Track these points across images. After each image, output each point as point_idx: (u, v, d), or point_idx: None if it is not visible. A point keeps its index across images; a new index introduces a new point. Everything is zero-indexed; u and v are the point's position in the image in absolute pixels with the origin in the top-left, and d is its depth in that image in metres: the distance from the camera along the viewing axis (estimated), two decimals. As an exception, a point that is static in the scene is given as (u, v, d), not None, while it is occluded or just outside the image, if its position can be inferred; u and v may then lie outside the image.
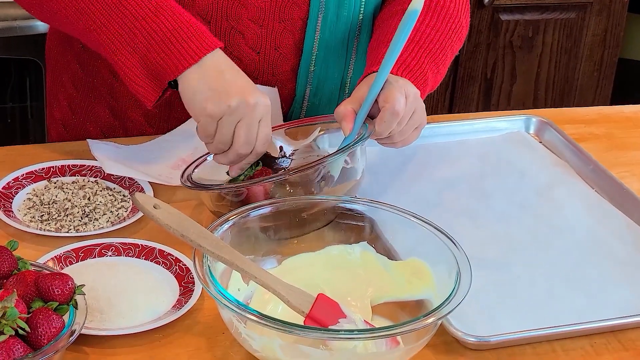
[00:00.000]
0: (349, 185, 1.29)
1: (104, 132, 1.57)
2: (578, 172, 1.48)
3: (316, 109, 1.55)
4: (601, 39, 3.08)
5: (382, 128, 1.28)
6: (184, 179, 1.29)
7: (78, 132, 1.59)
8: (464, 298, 1.04)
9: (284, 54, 1.48)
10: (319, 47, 1.48)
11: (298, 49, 1.48)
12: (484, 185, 1.43)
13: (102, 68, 1.52)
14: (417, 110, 1.32)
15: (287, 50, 1.47)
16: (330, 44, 1.49)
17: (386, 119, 1.27)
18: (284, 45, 1.47)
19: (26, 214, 1.30)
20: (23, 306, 0.99)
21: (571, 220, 1.36)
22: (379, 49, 1.38)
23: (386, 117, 1.27)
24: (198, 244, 1.07)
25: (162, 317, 1.13)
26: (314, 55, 1.49)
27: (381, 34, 1.42)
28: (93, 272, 1.18)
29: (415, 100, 1.31)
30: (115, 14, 1.29)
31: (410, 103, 1.29)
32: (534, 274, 1.25)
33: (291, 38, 1.47)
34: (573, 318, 1.17)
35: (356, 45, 1.51)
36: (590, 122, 1.65)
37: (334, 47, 1.50)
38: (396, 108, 1.27)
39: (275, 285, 1.07)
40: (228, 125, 1.25)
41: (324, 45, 1.48)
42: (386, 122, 1.28)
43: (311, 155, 1.39)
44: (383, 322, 1.14)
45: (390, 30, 1.40)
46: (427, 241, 1.15)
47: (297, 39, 1.47)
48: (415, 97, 1.31)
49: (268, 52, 1.47)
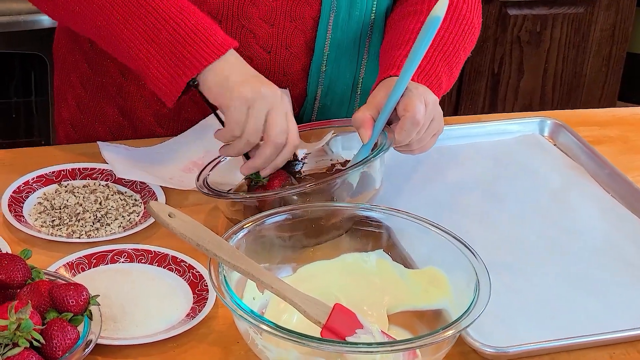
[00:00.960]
0: (368, 195, 1.28)
1: (112, 132, 1.55)
2: (593, 175, 1.47)
3: (328, 109, 1.54)
4: (609, 33, 3.06)
5: (402, 137, 1.27)
6: (200, 184, 1.28)
7: (87, 132, 1.57)
8: (483, 310, 1.02)
9: (295, 53, 1.46)
10: (331, 47, 1.47)
11: (309, 48, 1.47)
12: (498, 189, 1.42)
13: (111, 67, 1.51)
14: (436, 117, 1.30)
15: (298, 49, 1.46)
16: (342, 43, 1.47)
17: (406, 127, 1.26)
18: (295, 45, 1.45)
19: (37, 218, 1.28)
20: (38, 317, 0.97)
21: (586, 225, 1.35)
22: (392, 52, 1.37)
23: (406, 125, 1.26)
24: (214, 253, 1.06)
25: (177, 326, 1.12)
26: (325, 54, 1.47)
27: (394, 36, 1.41)
28: (106, 279, 1.17)
29: (434, 107, 1.30)
30: (137, 10, 1.28)
31: (430, 110, 1.28)
32: (550, 280, 1.24)
33: (302, 37, 1.45)
34: (591, 326, 1.15)
35: (368, 45, 1.50)
36: (604, 124, 1.63)
37: (345, 47, 1.48)
38: (417, 117, 1.26)
39: (291, 296, 1.06)
40: (260, 111, 1.24)
41: (335, 44, 1.47)
42: (406, 131, 1.26)
43: (324, 159, 1.37)
44: (400, 332, 1.12)
45: (404, 31, 1.39)
46: (444, 249, 1.13)
47: (309, 38, 1.46)
48: (434, 104, 1.30)
49: (279, 51, 1.45)
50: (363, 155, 1.27)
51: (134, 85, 1.50)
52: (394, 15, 1.47)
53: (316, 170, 1.35)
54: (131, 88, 1.50)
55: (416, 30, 1.37)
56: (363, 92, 1.54)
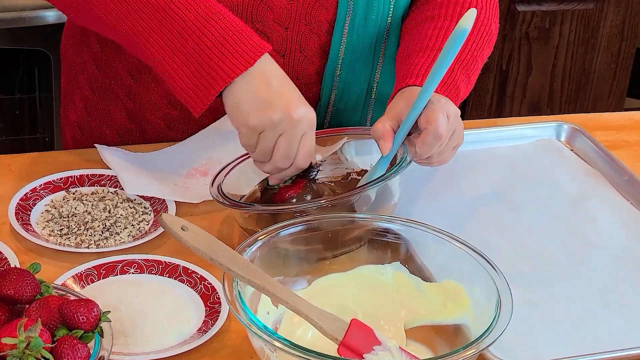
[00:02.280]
0: (386, 209, 1.25)
1: (120, 135, 1.52)
2: (611, 182, 1.44)
3: (342, 113, 1.51)
4: (619, 30, 3.03)
5: (424, 150, 1.24)
6: (215, 192, 1.24)
7: (94, 134, 1.54)
8: (505, 328, 1.00)
9: (309, 56, 1.43)
10: (346, 51, 1.44)
11: (324, 52, 1.44)
12: (515, 197, 1.39)
13: (120, 69, 1.48)
14: (457, 130, 1.27)
15: (312, 53, 1.43)
16: (357, 47, 1.44)
17: (428, 141, 1.23)
18: (309, 48, 1.42)
19: (45, 227, 1.25)
20: (47, 335, 0.95)
21: (606, 235, 1.32)
22: (410, 59, 1.34)
23: (428, 139, 1.23)
24: (228, 267, 1.03)
25: (189, 340, 1.09)
26: (340, 58, 1.44)
27: (412, 42, 1.37)
28: (116, 291, 1.14)
29: (456, 120, 1.27)
30: (162, 18, 1.24)
31: (451, 123, 1.25)
32: (570, 293, 1.21)
33: (317, 41, 1.42)
34: (611, 341, 1.13)
35: (384, 49, 1.47)
36: (621, 128, 1.60)
37: (361, 51, 1.45)
38: (439, 131, 1.23)
39: (307, 311, 1.03)
40: (269, 138, 1.21)
41: (350, 49, 1.44)
42: (428, 144, 1.23)
43: (339, 167, 1.34)
44: (417, 348, 1.10)
45: (422, 37, 1.36)
46: (463, 262, 1.11)
47: (323, 42, 1.43)
48: (456, 116, 1.27)
49: (293, 54, 1.42)
50: (382, 166, 1.24)
51: (143, 88, 1.47)
52: (410, 20, 1.44)
53: (332, 178, 1.32)
54: (140, 91, 1.47)
55: (434, 37, 1.34)
56: (378, 97, 1.51)
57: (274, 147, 1.21)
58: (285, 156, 1.22)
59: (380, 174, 1.24)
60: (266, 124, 1.20)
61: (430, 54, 1.33)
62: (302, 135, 1.21)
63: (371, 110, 1.52)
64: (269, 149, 1.21)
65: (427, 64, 1.31)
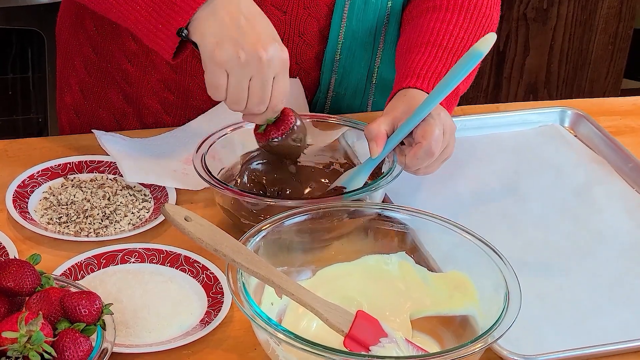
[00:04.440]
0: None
1: (117, 119, 1.50)
2: (616, 169, 1.42)
3: (342, 98, 1.49)
4: (616, 11, 3.01)
5: (414, 164, 1.22)
6: (198, 163, 1.22)
7: (90, 118, 1.52)
8: (514, 321, 0.98)
9: (308, 41, 1.41)
10: (345, 35, 1.42)
11: (323, 36, 1.42)
12: (520, 185, 1.37)
13: (116, 52, 1.45)
14: (449, 145, 1.25)
15: (311, 37, 1.41)
16: (357, 32, 1.42)
17: (420, 156, 1.21)
18: (308, 32, 1.40)
19: (43, 215, 1.23)
20: (49, 329, 0.93)
21: (612, 225, 1.30)
22: (410, 55, 1.31)
23: (420, 154, 1.21)
24: (232, 258, 1.01)
25: (191, 331, 1.07)
26: (339, 43, 1.42)
27: (412, 34, 1.35)
28: (116, 281, 1.13)
29: (451, 136, 1.24)
30: None
31: (446, 139, 1.23)
32: (576, 284, 1.19)
33: (316, 25, 1.40)
34: (620, 333, 1.12)
35: (384, 35, 1.45)
36: (625, 113, 1.58)
37: (361, 36, 1.43)
38: (432, 148, 1.21)
39: (312, 303, 1.01)
40: (238, 79, 1.16)
41: (350, 33, 1.42)
42: (419, 159, 1.22)
43: (324, 154, 1.33)
44: (424, 339, 1.08)
45: (423, 30, 1.33)
46: (469, 253, 1.09)
47: (322, 26, 1.41)
48: (452, 132, 1.24)
49: (292, 39, 1.40)
50: (367, 168, 1.23)
51: (140, 72, 1.45)
52: (411, 9, 1.41)
53: (314, 164, 1.31)
54: (137, 74, 1.45)
55: (435, 31, 1.32)
56: (379, 82, 1.49)
57: (248, 94, 1.17)
58: (260, 101, 1.18)
59: (364, 175, 1.23)
60: (232, 60, 1.15)
61: (432, 50, 1.30)
62: (275, 77, 1.17)
63: (372, 95, 1.50)
64: (242, 93, 1.17)
65: (428, 63, 1.29)
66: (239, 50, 1.14)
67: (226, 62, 1.15)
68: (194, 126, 1.42)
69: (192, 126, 1.42)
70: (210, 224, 1.04)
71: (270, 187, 1.23)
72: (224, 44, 1.15)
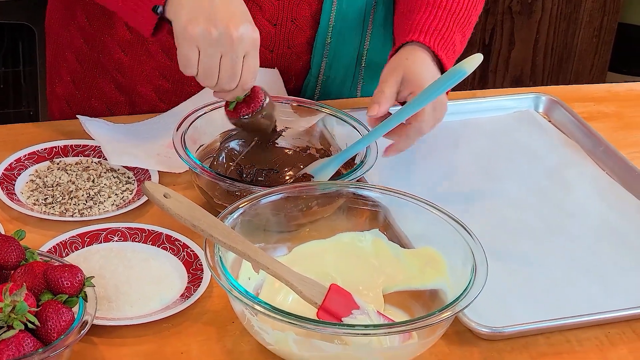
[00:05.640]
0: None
1: (109, 108, 1.53)
2: (588, 152, 1.46)
3: (332, 82, 1.53)
4: (601, 4, 3.05)
5: (404, 144, 1.28)
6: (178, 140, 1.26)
7: (82, 108, 1.55)
8: (480, 292, 1.02)
9: (300, 25, 1.45)
10: (336, 19, 1.46)
11: (314, 20, 1.46)
12: (494, 168, 1.41)
13: (109, 43, 1.49)
14: (438, 119, 1.30)
15: (303, 21, 1.45)
16: (347, 15, 1.47)
17: (411, 135, 1.27)
18: (300, 17, 1.45)
19: (29, 196, 1.27)
20: (32, 300, 0.96)
21: (583, 205, 1.34)
22: (410, 15, 1.36)
23: (411, 134, 1.27)
24: (209, 234, 1.05)
25: (171, 306, 1.11)
26: (330, 27, 1.47)
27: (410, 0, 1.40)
28: (99, 258, 1.16)
29: (441, 111, 1.30)
30: None
31: (436, 116, 1.28)
32: (546, 261, 1.23)
33: (308, 9, 1.44)
34: (587, 307, 1.15)
35: (372, 17, 1.49)
36: (599, 100, 1.62)
37: (350, 19, 1.48)
38: (423, 129, 1.27)
39: (287, 276, 1.05)
40: (209, 55, 1.19)
41: (340, 17, 1.46)
42: (410, 139, 1.27)
43: (301, 138, 1.36)
44: (395, 312, 1.12)
45: None
46: (440, 229, 1.13)
47: (314, 10, 1.45)
48: (442, 107, 1.29)
49: (285, 24, 1.44)
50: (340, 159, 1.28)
51: (134, 61, 1.48)
52: None
53: (291, 146, 1.35)
54: (132, 64, 1.48)
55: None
56: (367, 66, 1.54)
57: (219, 71, 1.21)
58: (230, 77, 1.21)
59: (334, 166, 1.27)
60: (204, 36, 1.18)
61: (432, 10, 1.35)
62: (245, 56, 1.21)
63: (361, 79, 1.55)
64: (212, 70, 1.21)
65: (430, 20, 1.33)
66: (211, 27, 1.18)
67: (198, 37, 1.19)
68: (177, 112, 1.46)
69: (175, 112, 1.46)
70: (189, 201, 1.08)
71: (246, 166, 1.27)
72: (197, 20, 1.19)
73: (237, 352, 1.07)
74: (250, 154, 1.28)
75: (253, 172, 1.27)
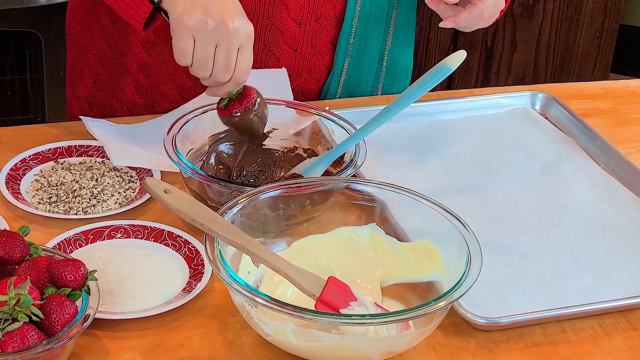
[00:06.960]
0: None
1: (129, 109, 1.56)
2: (584, 148, 1.48)
3: (354, 82, 1.56)
4: (602, 6, 3.07)
5: (465, 22, 1.34)
6: (169, 142, 1.27)
7: (103, 109, 1.57)
8: (474, 282, 1.04)
9: (324, 25, 1.49)
10: (359, 19, 1.50)
11: (338, 20, 1.49)
12: (490, 163, 1.43)
13: (132, 43, 1.51)
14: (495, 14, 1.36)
15: (327, 22, 1.49)
16: (370, 15, 1.50)
17: (473, 15, 1.33)
18: (324, 17, 1.48)
19: (34, 195, 1.29)
20: (36, 293, 0.99)
21: (577, 198, 1.36)
22: None
23: (474, 13, 1.33)
24: (209, 228, 1.07)
25: (173, 300, 1.13)
26: (353, 27, 1.50)
27: None
28: (103, 254, 1.19)
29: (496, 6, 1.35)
30: None
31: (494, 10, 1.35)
32: (541, 253, 1.25)
33: (332, 9, 1.48)
34: (582, 298, 1.17)
35: (394, 17, 1.52)
36: (595, 97, 1.65)
37: (373, 20, 1.51)
38: (484, 12, 1.33)
39: (286, 269, 1.07)
40: (205, 44, 1.22)
41: (364, 17, 1.50)
42: (471, 18, 1.33)
43: (289, 139, 1.37)
44: (393, 304, 1.14)
45: None
46: (436, 223, 1.15)
47: (338, 11, 1.49)
48: None
49: (309, 23, 1.47)
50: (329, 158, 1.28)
51: (157, 61, 1.51)
52: None
53: (279, 147, 1.36)
54: (154, 63, 1.51)
55: None
56: (388, 65, 1.57)
57: (213, 62, 1.23)
58: (224, 67, 1.24)
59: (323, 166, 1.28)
60: (200, 25, 1.21)
61: None
62: (240, 48, 1.23)
63: (382, 79, 1.58)
64: (207, 60, 1.23)
65: None
66: (207, 17, 1.21)
67: (193, 26, 1.22)
68: (178, 113, 1.48)
69: (176, 113, 1.48)
70: (189, 196, 1.10)
71: (235, 168, 1.29)
72: (193, 10, 1.22)
73: (237, 344, 1.09)
74: (238, 156, 1.29)
75: (242, 174, 1.30)
